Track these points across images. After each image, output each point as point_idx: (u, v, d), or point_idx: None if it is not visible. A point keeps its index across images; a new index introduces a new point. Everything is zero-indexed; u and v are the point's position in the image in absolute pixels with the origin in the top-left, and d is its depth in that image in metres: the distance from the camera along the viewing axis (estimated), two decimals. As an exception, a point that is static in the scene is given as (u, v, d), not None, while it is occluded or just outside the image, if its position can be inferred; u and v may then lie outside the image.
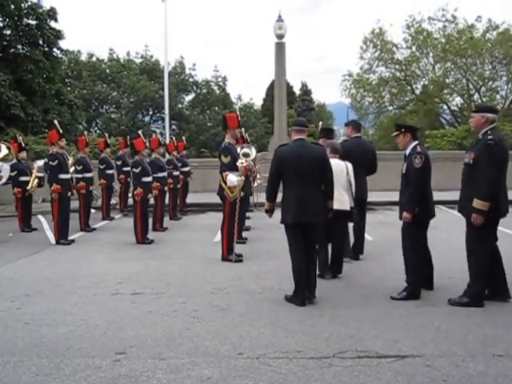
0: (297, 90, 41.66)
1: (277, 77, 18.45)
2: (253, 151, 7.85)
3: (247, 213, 9.73)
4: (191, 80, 36.22)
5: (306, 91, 41.86)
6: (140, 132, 9.77)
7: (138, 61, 35.23)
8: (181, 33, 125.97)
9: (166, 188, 10.30)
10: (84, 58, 34.15)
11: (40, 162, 10.68)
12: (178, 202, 11.97)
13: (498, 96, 32.25)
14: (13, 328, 4.52)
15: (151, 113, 35.40)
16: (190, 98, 36.63)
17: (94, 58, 34.30)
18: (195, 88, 36.37)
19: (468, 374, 3.49)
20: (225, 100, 35.99)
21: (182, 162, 12.01)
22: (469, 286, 4.97)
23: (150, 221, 9.38)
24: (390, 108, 35.35)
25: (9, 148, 10.09)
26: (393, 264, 6.30)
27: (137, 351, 3.95)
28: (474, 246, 4.92)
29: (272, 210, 5.43)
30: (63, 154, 9.04)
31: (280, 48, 18.09)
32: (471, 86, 31.88)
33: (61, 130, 9.21)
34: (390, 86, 33.67)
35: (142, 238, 8.57)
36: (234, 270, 6.62)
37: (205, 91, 35.94)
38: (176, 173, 11.22)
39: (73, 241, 8.84)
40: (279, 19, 18.06)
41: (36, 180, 10.40)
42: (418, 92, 33.54)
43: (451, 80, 32.51)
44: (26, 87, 19.90)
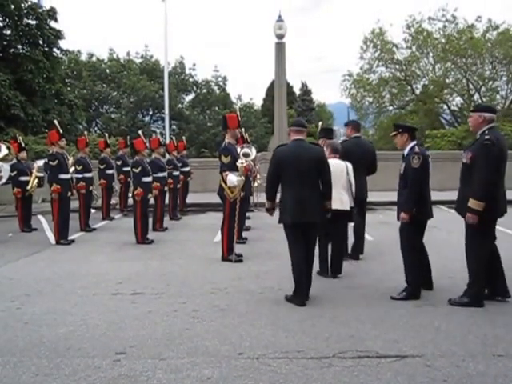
0: (297, 90, 41.74)
1: (277, 77, 18.47)
2: (253, 151, 7.84)
3: (247, 213, 9.72)
4: (191, 80, 36.23)
5: (306, 91, 41.87)
6: (140, 132, 9.77)
7: (138, 61, 35.26)
8: (181, 33, 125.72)
9: (166, 188, 10.30)
10: (84, 58, 34.20)
11: (40, 162, 10.68)
12: (178, 202, 11.97)
13: (498, 96, 32.29)
14: (13, 328, 4.52)
15: (151, 113, 35.40)
16: (190, 97, 36.68)
17: (94, 58, 34.31)
18: (195, 88, 36.38)
19: (468, 374, 3.49)
20: (225, 100, 35.99)
21: (182, 162, 12.01)
22: (468, 286, 4.97)
23: (150, 221, 9.39)
24: (390, 108, 35.38)
25: (9, 148, 10.08)
26: (393, 264, 6.29)
27: (137, 351, 3.95)
28: (473, 245, 4.91)
29: (273, 209, 5.50)
30: (63, 153, 9.04)
31: (280, 48, 18.11)
32: (471, 86, 31.89)
33: (61, 130, 9.21)
34: (390, 86, 33.70)
35: (142, 238, 8.57)
36: (234, 270, 6.62)
37: (205, 91, 35.94)
38: (176, 173, 11.22)
39: (73, 241, 8.84)
40: (279, 19, 18.09)
41: (36, 180, 10.39)
42: (418, 92, 33.56)
43: (451, 80, 32.54)
44: (26, 87, 19.90)
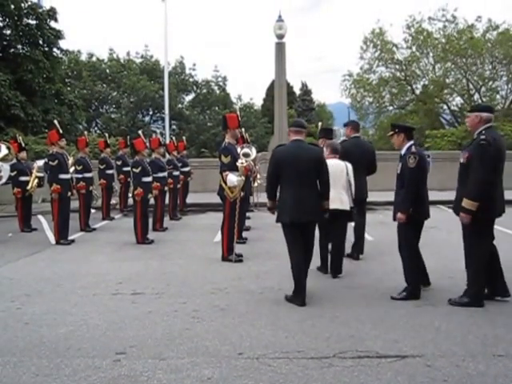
0: (297, 90, 41.78)
1: (277, 77, 18.46)
2: (253, 151, 7.84)
3: (247, 213, 9.73)
4: (191, 80, 36.24)
5: (306, 91, 41.90)
6: (140, 132, 9.77)
7: (138, 61, 35.28)
8: (181, 33, 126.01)
9: (166, 188, 10.30)
10: (84, 58, 34.22)
11: (40, 162, 10.68)
12: (178, 202, 11.97)
13: (498, 96, 32.30)
14: (13, 328, 4.52)
15: (151, 113, 35.42)
16: (190, 98, 36.70)
17: (94, 58, 34.33)
18: (195, 88, 36.39)
19: (468, 374, 3.49)
20: (225, 100, 36.01)
21: (182, 162, 12.01)
22: (468, 286, 4.96)
23: (150, 221, 9.38)
24: (390, 108, 35.38)
25: (9, 148, 10.08)
26: (393, 264, 6.29)
27: (137, 351, 3.95)
28: (471, 245, 4.91)
29: (275, 208, 5.51)
30: (63, 153, 9.03)
31: (280, 48, 18.10)
32: (471, 86, 31.90)
33: (61, 130, 9.21)
34: (390, 86, 33.70)
35: (142, 238, 8.57)
36: (234, 270, 6.62)
37: (205, 91, 35.96)
38: (176, 173, 11.22)
39: (73, 241, 8.84)
40: (279, 19, 18.08)
41: (36, 180, 10.39)
42: (418, 92, 33.56)
43: (451, 80, 32.53)
44: (26, 87, 19.91)
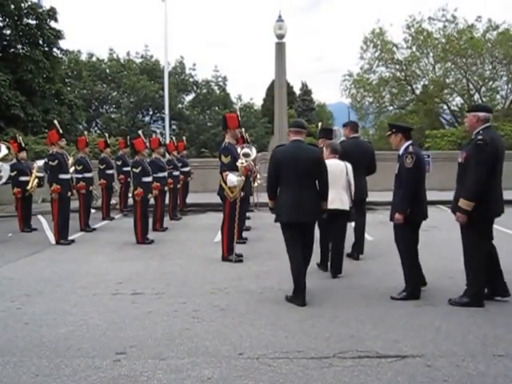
0: (297, 90, 41.79)
1: (277, 77, 18.45)
2: (253, 151, 7.85)
3: (247, 213, 9.73)
4: (191, 80, 36.24)
5: (306, 91, 41.91)
6: (140, 132, 9.77)
7: (138, 61, 35.28)
8: (181, 33, 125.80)
9: (166, 188, 10.30)
10: (84, 57, 34.22)
11: (40, 162, 10.68)
12: (178, 202, 11.97)
13: (498, 96, 32.30)
14: (13, 328, 4.52)
15: (151, 113, 35.42)
16: (190, 98, 36.71)
17: (94, 58, 34.34)
18: (195, 88, 36.39)
19: (468, 374, 3.49)
20: (225, 100, 36.01)
21: (182, 162, 12.02)
22: (468, 286, 4.96)
23: (150, 221, 9.38)
24: (391, 108, 35.38)
25: (9, 148, 10.08)
26: (393, 264, 6.28)
27: (137, 351, 3.95)
28: (470, 246, 4.91)
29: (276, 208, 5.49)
30: (63, 153, 9.03)
31: (280, 48, 18.09)
32: (471, 85, 31.89)
33: (61, 130, 9.21)
34: (390, 86, 33.69)
35: (142, 238, 8.57)
36: (234, 270, 6.62)
37: (205, 91, 35.96)
38: (176, 173, 11.22)
39: (73, 241, 8.84)
40: (279, 19, 18.07)
41: (36, 180, 10.39)
42: (418, 92, 33.56)
43: (451, 80, 32.53)
44: (26, 87, 19.91)
